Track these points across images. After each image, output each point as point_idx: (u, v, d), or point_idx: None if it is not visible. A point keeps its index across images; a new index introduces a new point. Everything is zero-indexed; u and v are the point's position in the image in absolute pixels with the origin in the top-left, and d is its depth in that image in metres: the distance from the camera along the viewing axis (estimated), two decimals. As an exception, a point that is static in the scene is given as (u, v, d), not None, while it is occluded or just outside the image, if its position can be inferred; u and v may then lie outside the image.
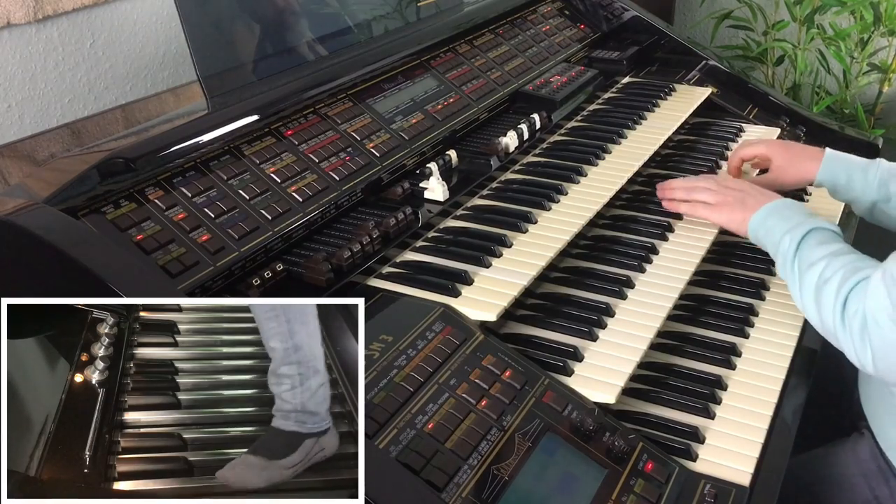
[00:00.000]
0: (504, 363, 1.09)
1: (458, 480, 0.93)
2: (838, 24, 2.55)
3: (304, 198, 1.25)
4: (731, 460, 1.07)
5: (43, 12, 1.59)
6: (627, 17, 2.15)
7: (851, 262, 1.17)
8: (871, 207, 1.47)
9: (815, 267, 1.19)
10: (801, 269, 1.21)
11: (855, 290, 1.13)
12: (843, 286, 1.14)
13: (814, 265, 1.19)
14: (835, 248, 1.20)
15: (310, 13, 1.56)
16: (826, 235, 1.24)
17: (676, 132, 1.80)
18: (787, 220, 1.28)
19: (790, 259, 1.24)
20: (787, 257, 1.24)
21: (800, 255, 1.23)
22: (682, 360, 1.26)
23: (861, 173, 1.47)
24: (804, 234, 1.24)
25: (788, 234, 1.25)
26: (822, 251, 1.20)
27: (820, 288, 1.17)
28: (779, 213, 1.31)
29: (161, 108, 1.60)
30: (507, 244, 1.30)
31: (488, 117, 1.67)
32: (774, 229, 1.29)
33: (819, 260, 1.19)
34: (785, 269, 1.26)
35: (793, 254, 1.23)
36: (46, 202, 1.03)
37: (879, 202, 1.46)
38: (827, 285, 1.16)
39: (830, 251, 1.20)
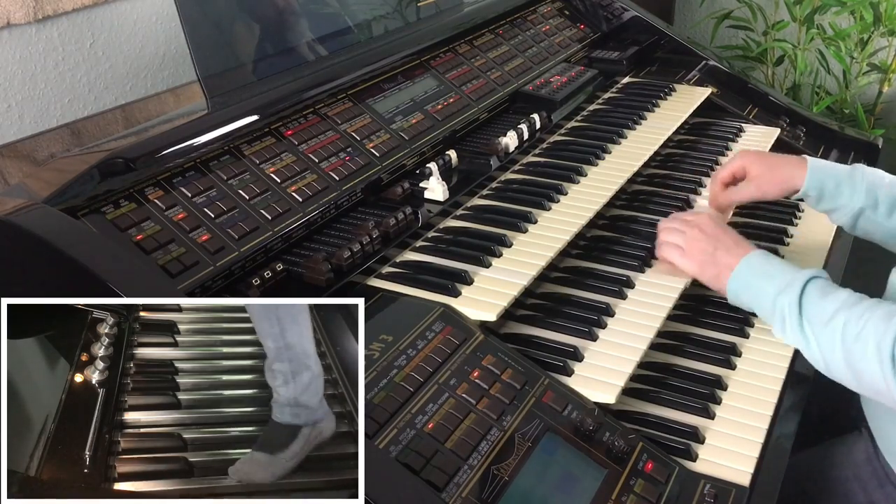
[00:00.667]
0: (504, 363, 1.09)
1: (458, 480, 0.93)
2: (838, 24, 2.55)
3: (304, 198, 1.25)
4: (731, 460, 1.07)
5: (43, 12, 1.59)
6: (627, 17, 2.15)
7: (871, 309, 1.11)
8: (857, 215, 1.42)
9: (833, 323, 1.12)
10: (815, 328, 1.14)
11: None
12: (883, 340, 1.07)
13: (830, 322, 1.13)
14: (841, 297, 1.15)
15: (310, 13, 1.56)
16: (822, 284, 1.17)
17: (676, 132, 1.80)
18: (772, 278, 1.20)
19: (795, 321, 1.16)
20: (791, 319, 1.17)
21: (807, 315, 1.15)
22: (682, 360, 1.26)
23: (848, 180, 1.42)
24: (801, 291, 1.17)
25: (783, 294, 1.18)
26: (832, 304, 1.14)
27: (850, 345, 1.10)
28: (760, 271, 1.23)
29: (161, 108, 1.60)
30: (507, 244, 1.30)
31: (488, 117, 1.67)
32: (762, 292, 1.21)
33: (834, 315, 1.13)
34: (792, 333, 1.18)
35: (797, 315, 1.16)
36: (46, 202, 1.03)
37: (867, 209, 1.41)
38: (859, 343, 1.09)
39: (840, 302, 1.14)
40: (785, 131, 1.93)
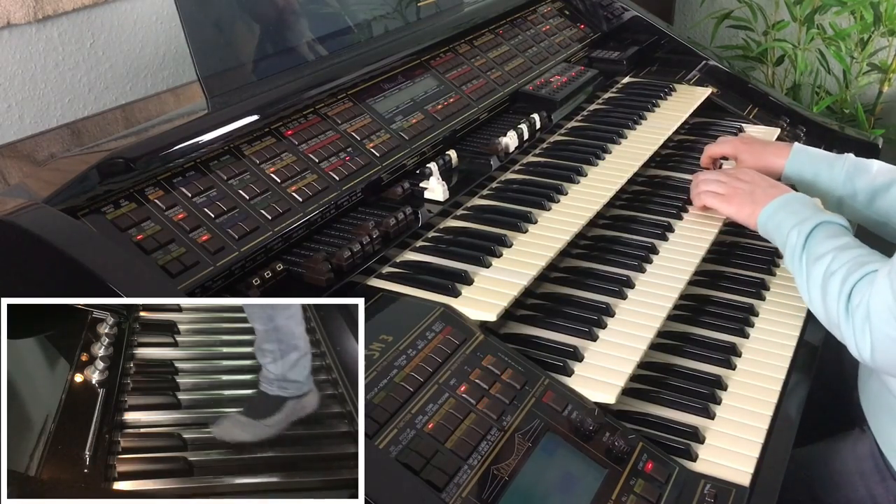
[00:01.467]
0: (504, 363, 1.09)
1: (458, 480, 0.93)
2: (838, 24, 2.55)
3: (304, 198, 1.25)
4: (731, 460, 1.07)
5: (43, 12, 1.59)
6: (627, 17, 2.15)
7: (858, 256, 1.18)
8: (838, 203, 1.47)
9: (823, 260, 1.20)
10: (809, 262, 1.22)
11: (860, 283, 1.14)
12: (848, 278, 1.15)
13: (821, 258, 1.20)
14: (843, 241, 1.21)
15: (310, 13, 1.56)
16: (834, 229, 1.25)
17: (676, 132, 1.80)
18: (795, 214, 1.29)
19: (798, 252, 1.25)
20: (796, 251, 1.25)
21: (808, 249, 1.23)
22: (682, 360, 1.26)
23: (827, 168, 1.48)
24: (812, 227, 1.25)
25: (797, 227, 1.26)
26: (830, 244, 1.21)
27: (826, 280, 1.18)
28: (788, 208, 1.32)
29: (161, 108, 1.60)
30: (507, 244, 1.30)
31: (488, 117, 1.67)
32: (783, 223, 1.30)
33: (826, 253, 1.20)
34: (793, 263, 1.26)
35: (801, 247, 1.24)
36: (46, 202, 1.03)
37: (845, 197, 1.46)
38: (833, 277, 1.17)
39: (838, 245, 1.21)
40: (785, 131, 1.93)
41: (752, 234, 1.58)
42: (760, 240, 1.55)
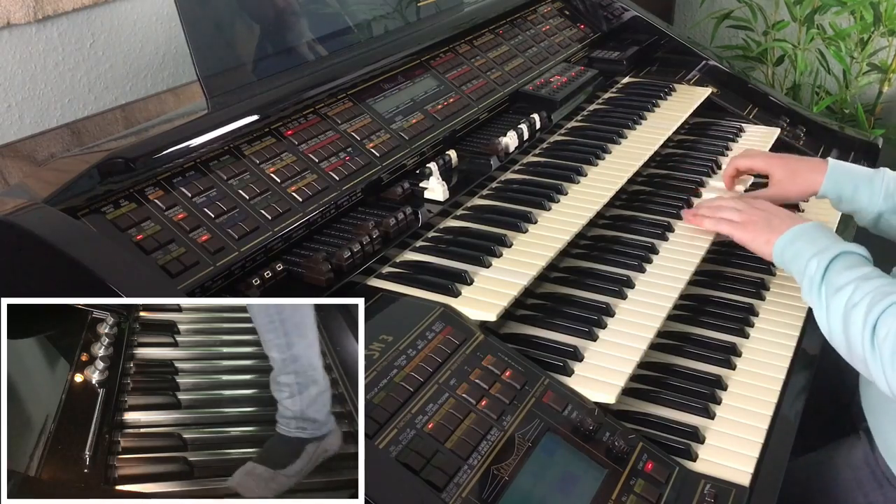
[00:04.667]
0: (504, 363, 1.09)
1: (458, 480, 0.93)
2: (838, 24, 2.55)
3: (304, 198, 1.25)
4: (731, 460, 1.07)
5: (43, 12, 1.59)
6: (627, 17, 2.15)
7: (881, 286, 1.13)
8: (876, 218, 1.45)
9: (843, 291, 1.16)
10: (829, 293, 1.18)
11: (885, 314, 1.10)
12: (872, 310, 1.11)
13: (841, 290, 1.16)
14: (863, 272, 1.17)
15: (310, 13, 1.56)
16: (854, 259, 1.20)
17: (676, 132, 1.80)
18: (814, 243, 1.25)
19: (817, 284, 1.20)
20: (814, 282, 1.20)
21: (827, 280, 1.19)
22: (682, 360, 1.26)
23: (867, 184, 1.45)
24: (832, 258, 1.20)
25: (815, 257, 1.22)
26: (851, 275, 1.17)
27: (848, 312, 1.14)
28: (806, 237, 1.27)
29: (161, 108, 1.60)
30: (507, 244, 1.30)
31: (488, 117, 1.67)
32: (801, 253, 1.25)
33: (847, 284, 1.16)
34: (811, 294, 1.22)
35: (820, 278, 1.20)
36: (46, 202, 1.03)
37: (886, 213, 1.43)
38: (855, 309, 1.13)
39: (859, 275, 1.16)
40: (785, 131, 1.93)
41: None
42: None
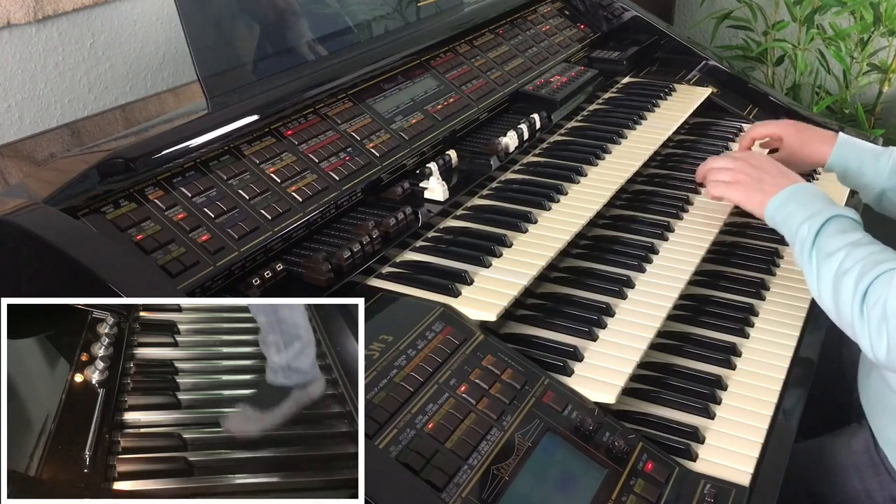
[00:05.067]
0: (504, 363, 1.09)
1: (458, 480, 0.93)
2: (838, 24, 2.55)
3: (304, 198, 1.25)
4: (731, 460, 1.07)
5: (43, 12, 1.59)
6: (627, 17, 2.15)
7: (872, 254, 1.15)
8: (879, 196, 1.46)
9: (835, 257, 1.17)
10: (820, 258, 1.19)
11: (876, 282, 1.11)
12: (863, 277, 1.12)
13: (833, 255, 1.17)
14: (855, 237, 1.18)
15: (310, 13, 1.56)
16: (846, 224, 1.21)
17: (676, 132, 1.80)
18: (806, 206, 1.25)
19: (808, 247, 1.21)
20: (805, 245, 1.22)
21: (818, 244, 1.20)
22: (682, 360, 1.26)
23: (873, 160, 1.46)
24: (823, 222, 1.21)
25: (807, 221, 1.22)
26: (842, 240, 1.18)
27: (839, 278, 1.15)
28: (797, 199, 1.28)
29: (161, 108, 1.60)
30: (507, 244, 1.30)
31: (488, 117, 1.67)
32: (793, 216, 1.26)
33: (838, 249, 1.17)
34: (802, 258, 1.23)
35: (811, 242, 1.21)
36: (46, 202, 1.03)
37: (889, 190, 1.45)
38: (846, 276, 1.14)
39: (851, 241, 1.17)
40: (785, 131, 1.93)
41: (752, 234, 1.58)
42: (760, 240, 1.56)
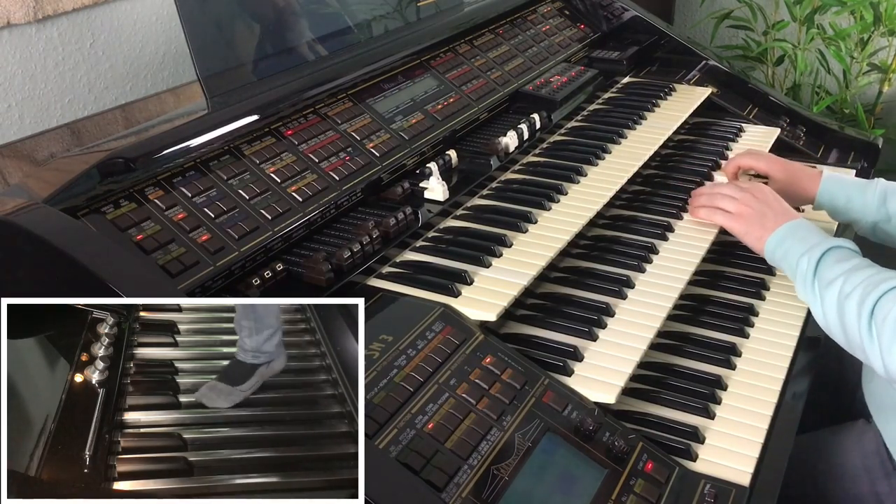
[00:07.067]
0: (504, 363, 1.09)
1: (458, 480, 0.93)
2: (838, 24, 2.55)
3: (304, 198, 1.25)
4: (731, 460, 1.07)
5: (43, 12, 1.59)
6: (627, 17, 2.15)
7: (871, 276, 1.16)
8: (872, 227, 1.48)
9: (835, 284, 1.19)
10: (821, 288, 1.21)
11: (883, 299, 1.12)
12: (866, 298, 1.14)
13: (833, 282, 1.19)
14: (852, 263, 1.20)
15: (310, 13, 1.56)
16: (844, 253, 1.23)
17: (676, 132, 1.80)
18: (803, 241, 1.28)
19: (810, 279, 1.23)
20: (807, 278, 1.24)
21: (819, 275, 1.22)
22: (682, 360, 1.26)
23: (860, 194, 1.47)
24: (822, 253, 1.23)
25: (806, 255, 1.25)
26: (840, 268, 1.20)
27: (842, 303, 1.17)
28: (795, 235, 1.30)
29: (161, 108, 1.60)
30: (507, 244, 1.30)
31: (488, 117, 1.67)
32: (791, 251, 1.28)
33: (837, 277, 1.19)
34: (805, 290, 1.25)
35: (812, 275, 1.23)
36: (46, 202, 1.03)
37: (880, 222, 1.46)
38: (848, 299, 1.16)
39: (848, 267, 1.20)
40: (785, 131, 1.93)
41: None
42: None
